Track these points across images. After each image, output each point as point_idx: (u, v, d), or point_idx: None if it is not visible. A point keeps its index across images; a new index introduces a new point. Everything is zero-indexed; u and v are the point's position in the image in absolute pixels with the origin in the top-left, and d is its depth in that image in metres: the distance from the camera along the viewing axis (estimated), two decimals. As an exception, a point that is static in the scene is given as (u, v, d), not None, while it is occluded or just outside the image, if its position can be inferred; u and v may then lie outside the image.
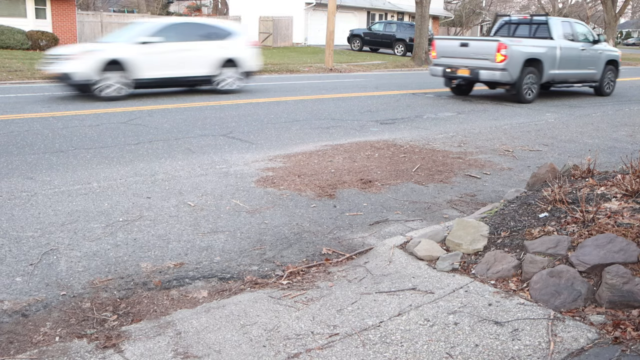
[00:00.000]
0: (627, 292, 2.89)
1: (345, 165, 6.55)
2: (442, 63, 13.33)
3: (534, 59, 12.57)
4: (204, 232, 4.38)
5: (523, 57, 12.33)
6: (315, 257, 4.00)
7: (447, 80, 13.86)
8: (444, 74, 13.35)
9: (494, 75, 12.32)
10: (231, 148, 7.39)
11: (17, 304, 3.20)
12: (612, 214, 3.67)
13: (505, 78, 12.25)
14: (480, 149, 7.74)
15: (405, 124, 9.70)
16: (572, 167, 5.11)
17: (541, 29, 13.54)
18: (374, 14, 41.81)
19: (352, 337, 2.78)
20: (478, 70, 12.50)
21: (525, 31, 13.99)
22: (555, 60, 13.04)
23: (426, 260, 3.68)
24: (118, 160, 6.55)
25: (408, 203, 5.31)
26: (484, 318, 2.90)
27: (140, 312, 3.17)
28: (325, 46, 22.38)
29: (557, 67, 13.16)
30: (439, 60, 13.44)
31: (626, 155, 5.78)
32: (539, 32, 13.60)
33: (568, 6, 60.66)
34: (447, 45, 13.41)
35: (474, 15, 50.88)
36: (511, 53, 12.11)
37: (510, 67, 12.17)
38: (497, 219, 4.08)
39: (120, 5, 55.10)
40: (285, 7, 36.63)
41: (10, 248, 3.96)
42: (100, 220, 4.57)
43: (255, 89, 14.37)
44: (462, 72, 12.84)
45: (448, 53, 13.22)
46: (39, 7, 24.88)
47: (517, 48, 12.29)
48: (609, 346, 2.57)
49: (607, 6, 36.56)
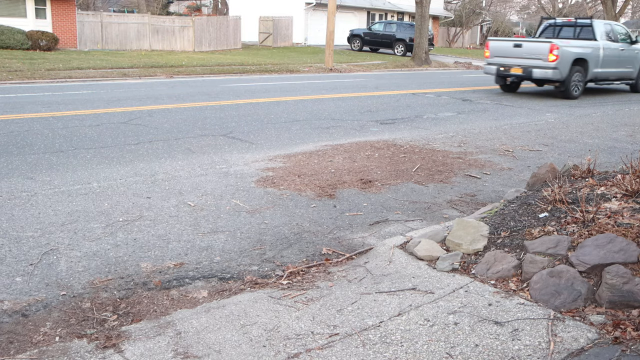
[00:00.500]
0: (627, 292, 2.89)
1: (345, 165, 6.55)
2: (495, 62, 14.43)
3: (581, 59, 13.65)
4: (204, 232, 4.38)
5: (572, 57, 13.42)
6: (315, 257, 4.00)
7: (498, 78, 14.82)
8: (498, 72, 14.38)
9: (546, 73, 13.37)
10: (231, 148, 7.39)
11: (17, 304, 3.20)
12: (612, 214, 3.67)
13: (557, 76, 13.34)
14: (480, 149, 7.74)
15: (405, 124, 9.70)
16: (572, 167, 5.11)
17: (585, 30, 14.71)
18: (374, 14, 41.81)
19: (352, 337, 2.78)
20: (531, 69, 13.53)
21: (569, 33, 15.16)
22: (598, 60, 14.12)
23: (426, 260, 3.68)
24: (118, 160, 6.55)
25: (408, 203, 5.31)
26: (484, 318, 2.90)
27: (140, 312, 3.17)
28: (325, 46, 22.39)
29: (600, 66, 14.24)
30: (493, 60, 14.52)
31: (626, 155, 5.78)
32: (583, 33, 14.74)
33: (568, 6, 60.66)
34: (501, 46, 14.58)
35: (474, 15, 50.86)
36: (562, 53, 13.18)
37: (561, 66, 13.26)
38: (497, 219, 4.08)
39: (120, 5, 55.10)
40: (285, 7, 36.63)
41: (10, 248, 3.96)
42: (100, 220, 4.57)
43: (255, 88, 14.37)
44: (515, 70, 13.90)
45: (501, 53, 14.29)
46: (39, 7, 24.86)
47: (567, 49, 13.38)
48: (609, 346, 2.57)
49: (607, 6, 36.54)
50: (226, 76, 18.21)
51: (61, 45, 24.52)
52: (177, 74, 17.79)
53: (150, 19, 28.77)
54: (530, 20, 79.85)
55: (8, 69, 16.23)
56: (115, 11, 47.16)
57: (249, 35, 37.21)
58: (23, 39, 22.63)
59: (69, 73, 16.60)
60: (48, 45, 23.09)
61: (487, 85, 17.17)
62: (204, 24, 29.81)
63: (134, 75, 16.80)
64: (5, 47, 22.20)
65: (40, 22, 24.83)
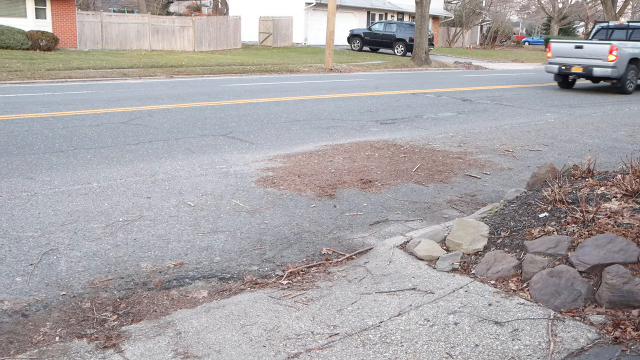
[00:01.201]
0: (627, 292, 2.89)
1: (345, 165, 6.55)
2: (557, 62, 16.16)
3: (635, 58, 15.54)
4: (204, 232, 4.38)
5: (628, 56, 15.28)
6: (315, 257, 4.00)
7: (558, 76, 16.60)
8: (560, 70, 16.08)
9: (605, 71, 15.16)
10: (231, 148, 7.39)
11: (17, 304, 3.20)
12: (612, 214, 3.67)
13: (615, 74, 15.16)
14: (480, 149, 7.74)
15: (405, 124, 9.70)
16: (572, 167, 5.11)
17: (636, 32, 16.47)
18: (374, 14, 41.80)
19: (352, 337, 2.78)
20: (591, 67, 15.29)
21: (621, 35, 16.70)
22: None
23: (426, 260, 3.68)
24: (118, 160, 6.55)
25: (408, 203, 5.31)
26: (484, 318, 2.90)
27: (140, 312, 3.17)
28: (325, 46, 22.39)
29: None
30: (554, 60, 16.22)
31: (626, 155, 5.78)
32: (634, 35, 16.41)
33: (568, 6, 60.65)
34: (562, 47, 16.29)
35: (474, 15, 50.86)
36: (620, 54, 15.01)
37: (619, 65, 15.10)
38: (497, 219, 4.08)
39: (120, 5, 55.13)
40: (285, 7, 36.63)
41: (10, 248, 3.96)
42: (100, 220, 4.57)
43: (255, 89, 14.37)
44: (576, 69, 15.67)
45: (563, 53, 16.02)
46: (39, 7, 24.85)
47: (624, 49, 15.25)
48: (609, 346, 2.57)
49: (607, 6, 36.54)
50: (226, 76, 18.21)
51: (61, 45, 24.51)
52: (177, 74, 17.79)
53: (150, 19, 28.77)
54: (530, 20, 79.82)
55: (8, 69, 16.23)
56: (115, 11, 47.19)
57: (249, 35, 37.21)
58: (23, 39, 22.63)
59: (69, 73, 16.60)
60: (48, 45, 23.08)
61: (487, 85, 17.19)
62: (204, 24, 29.81)
63: (134, 75, 16.80)
64: (5, 47, 22.20)
65: (40, 22, 24.82)
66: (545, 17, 66.00)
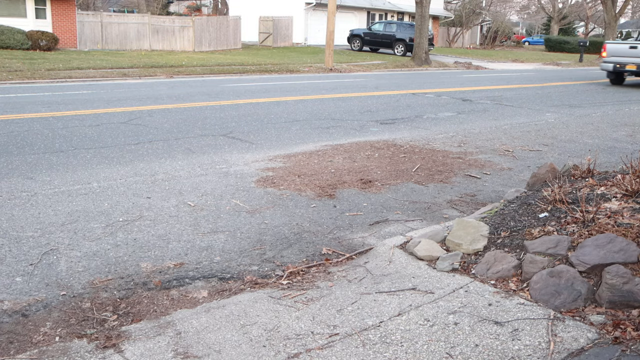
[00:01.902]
0: (627, 292, 2.89)
1: (345, 165, 6.55)
2: (611, 61, 17.82)
3: None
4: (204, 232, 4.38)
5: None
6: (315, 257, 4.00)
7: (610, 73, 18.24)
8: (614, 69, 17.71)
9: None
10: (231, 148, 7.39)
11: (17, 304, 3.20)
12: (612, 214, 3.67)
13: None
14: (480, 149, 7.74)
15: (405, 124, 9.70)
16: (572, 167, 5.11)
17: None
18: (374, 14, 41.81)
19: (352, 337, 2.78)
20: None
21: None
22: None
23: (426, 260, 3.68)
24: (118, 160, 6.55)
25: (408, 203, 5.31)
26: (484, 318, 2.90)
27: (140, 312, 3.17)
28: (325, 46, 22.39)
29: None
30: (609, 59, 17.89)
31: (626, 155, 5.78)
32: None
33: (568, 6, 60.67)
34: (617, 47, 18.04)
35: (474, 15, 50.86)
36: None
37: None
38: (497, 219, 4.08)
39: (120, 5, 55.14)
40: (285, 7, 36.63)
41: (10, 248, 3.96)
42: (100, 220, 4.57)
43: (255, 89, 14.37)
44: (630, 67, 17.35)
45: (617, 53, 17.72)
46: (39, 7, 24.86)
47: None
48: (609, 346, 2.57)
49: (607, 6, 36.55)
50: (226, 76, 18.22)
51: (61, 45, 24.52)
52: (177, 74, 17.79)
53: (150, 19, 28.77)
54: (530, 20, 79.81)
55: (8, 69, 16.24)
56: (115, 11, 47.19)
57: (249, 35, 37.22)
58: (23, 39, 22.63)
59: (69, 73, 16.60)
60: (48, 45, 23.08)
61: (487, 85, 17.19)
62: (204, 24, 29.82)
63: (134, 75, 16.80)
64: (5, 47, 22.20)
65: (40, 22, 24.84)
66: (545, 17, 66.05)
